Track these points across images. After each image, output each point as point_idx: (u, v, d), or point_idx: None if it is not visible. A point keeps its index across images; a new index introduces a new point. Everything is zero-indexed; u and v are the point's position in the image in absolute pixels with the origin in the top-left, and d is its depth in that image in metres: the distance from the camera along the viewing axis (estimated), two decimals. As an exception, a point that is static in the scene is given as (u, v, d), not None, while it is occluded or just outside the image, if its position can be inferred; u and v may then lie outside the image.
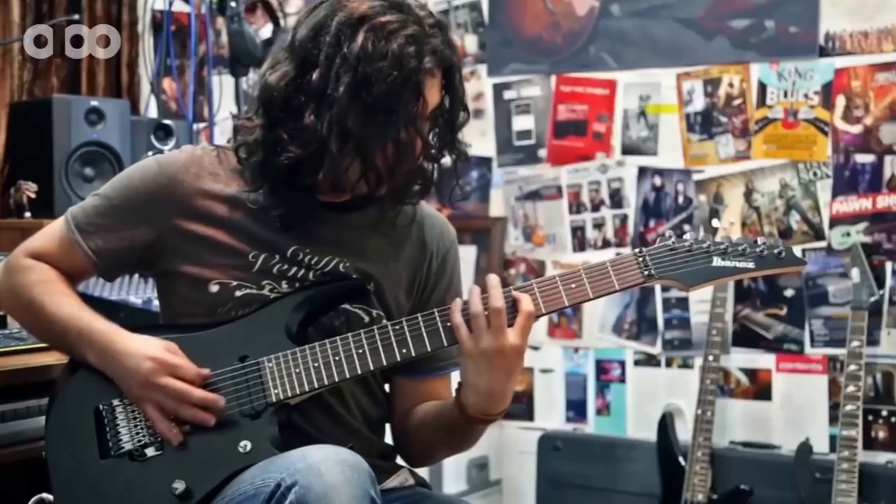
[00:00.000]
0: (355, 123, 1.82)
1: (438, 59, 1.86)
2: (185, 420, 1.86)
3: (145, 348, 1.88)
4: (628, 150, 4.19)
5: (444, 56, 1.87)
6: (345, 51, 1.81)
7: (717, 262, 1.90)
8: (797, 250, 3.69)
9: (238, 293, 1.95)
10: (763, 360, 3.95)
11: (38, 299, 1.98)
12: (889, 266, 3.72)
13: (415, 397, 2.09)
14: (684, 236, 1.92)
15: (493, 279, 1.86)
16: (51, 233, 2.05)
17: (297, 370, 1.88)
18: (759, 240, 1.93)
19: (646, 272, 1.89)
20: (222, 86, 3.99)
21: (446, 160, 1.99)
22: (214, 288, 1.95)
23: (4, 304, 2.14)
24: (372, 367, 1.89)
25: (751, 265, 1.91)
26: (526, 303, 1.85)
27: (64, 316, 1.96)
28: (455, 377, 2.12)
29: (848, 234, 3.80)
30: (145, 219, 1.98)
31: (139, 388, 1.87)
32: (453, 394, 1.98)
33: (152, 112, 3.91)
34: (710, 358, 3.81)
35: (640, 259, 1.89)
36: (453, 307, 1.87)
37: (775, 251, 1.91)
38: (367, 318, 1.98)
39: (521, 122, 4.38)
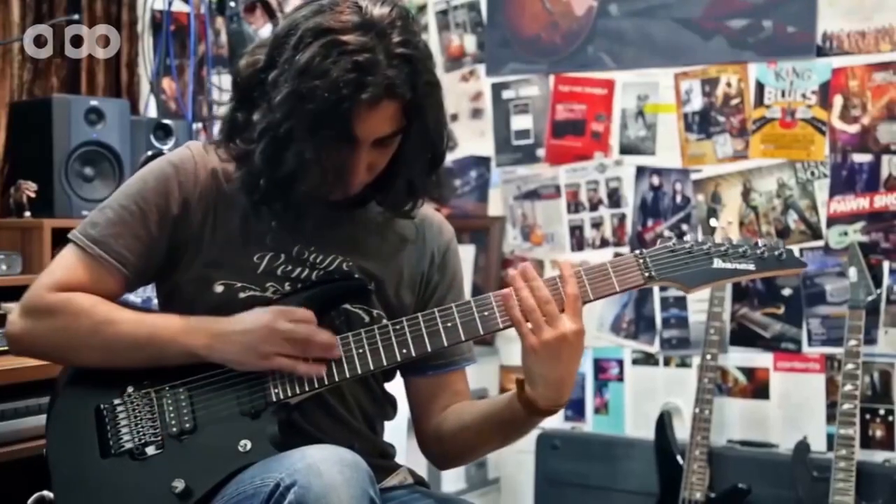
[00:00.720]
0: (287, 132, 1.80)
1: (384, 92, 1.80)
2: (314, 357, 1.86)
3: (254, 312, 1.88)
4: (626, 149, 4.20)
5: (395, 90, 1.81)
6: (295, 59, 1.80)
7: (717, 263, 1.91)
8: (795, 250, 3.71)
9: (242, 295, 1.94)
10: (761, 359, 3.96)
11: (109, 317, 1.91)
12: (886, 265, 3.73)
13: (435, 395, 2.09)
14: (684, 238, 1.93)
15: (530, 271, 1.85)
16: (65, 262, 1.96)
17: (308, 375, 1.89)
18: (760, 241, 1.93)
19: (646, 274, 1.89)
20: (222, 85, 4.00)
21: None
22: (219, 289, 1.95)
23: (47, 345, 1.96)
24: (372, 367, 1.89)
25: (751, 267, 1.92)
26: (571, 286, 1.84)
27: (148, 323, 1.91)
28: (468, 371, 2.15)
29: (845, 234, 3.81)
30: (165, 218, 1.95)
31: (262, 343, 1.84)
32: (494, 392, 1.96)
33: (152, 112, 3.93)
34: (708, 357, 3.82)
35: (641, 260, 1.89)
36: (510, 302, 1.84)
37: (776, 253, 1.92)
38: (367, 319, 1.99)
39: (520, 122, 4.39)
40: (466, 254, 4.38)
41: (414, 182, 1.96)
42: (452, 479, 4.02)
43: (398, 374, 2.13)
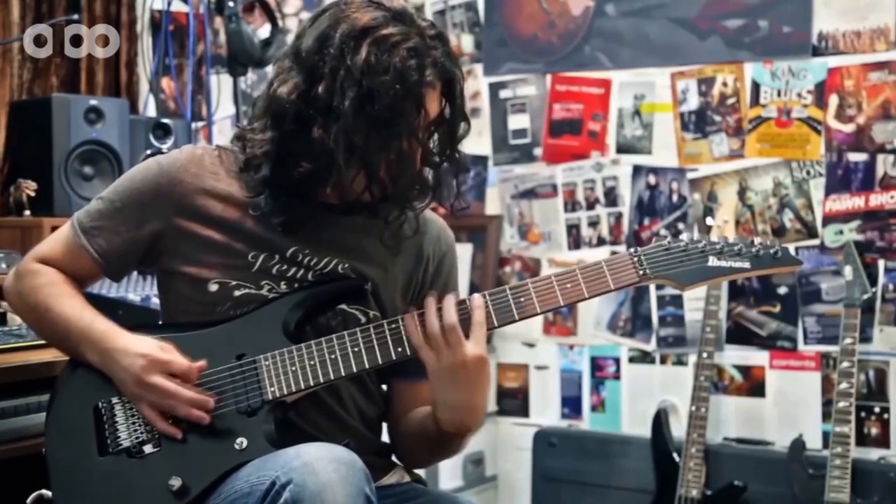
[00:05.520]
0: (360, 136, 1.83)
1: (439, 72, 1.87)
2: (181, 418, 1.88)
3: (139, 346, 1.90)
4: (623, 148, 4.21)
5: (445, 68, 1.89)
6: (349, 63, 1.82)
7: (712, 261, 1.92)
8: (790, 248, 3.71)
9: (237, 293, 1.97)
10: (757, 356, 3.98)
11: (44, 301, 2.01)
12: (881, 264, 3.75)
13: (410, 401, 2.10)
14: (680, 236, 1.94)
15: (443, 299, 1.90)
16: (57, 237, 2.07)
17: (294, 368, 1.90)
18: (756, 240, 1.94)
19: (641, 272, 1.90)
20: (220, 85, 4.02)
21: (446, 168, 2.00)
22: (213, 287, 1.97)
23: (15, 308, 2.16)
24: (368, 366, 1.91)
25: (746, 265, 1.92)
26: (477, 314, 1.88)
27: (66, 317, 1.98)
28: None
29: (841, 232, 3.82)
30: (147, 219, 1.99)
31: (134, 386, 1.89)
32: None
33: (151, 111, 3.93)
34: (704, 355, 3.83)
35: (636, 259, 1.91)
36: (410, 327, 1.90)
37: (771, 251, 1.93)
38: (363, 319, 2.00)
39: (517, 121, 4.40)
40: (464, 253, 4.39)
41: (444, 159, 1.99)
42: (449, 477, 4.04)
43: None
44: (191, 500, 1.84)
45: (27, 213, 3.26)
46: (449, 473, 4.04)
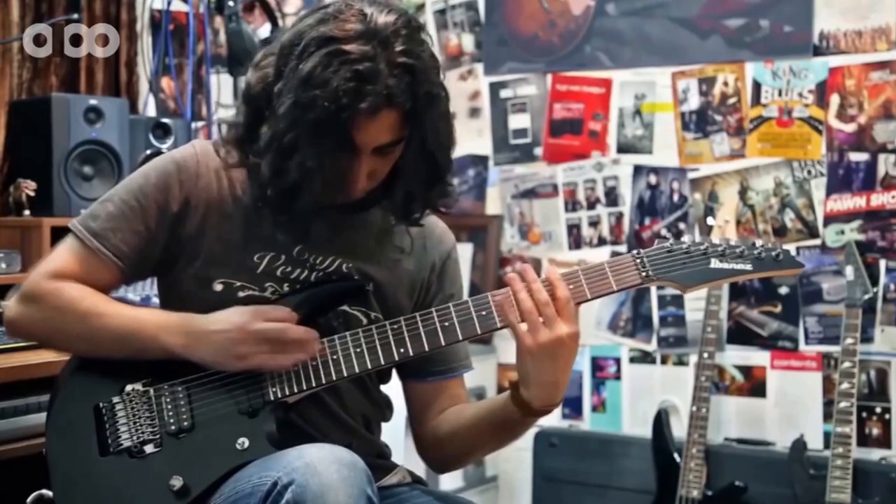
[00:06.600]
0: (290, 141, 1.80)
1: (383, 101, 1.78)
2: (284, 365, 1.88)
3: (229, 312, 1.88)
4: (624, 148, 4.21)
5: (394, 99, 1.79)
6: (299, 69, 1.79)
7: (714, 264, 1.91)
8: (791, 248, 3.71)
9: (241, 294, 1.95)
10: (758, 357, 3.97)
11: (95, 310, 1.93)
12: (883, 263, 3.75)
13: (434, 400, 2.10)
14: (682, 238, 1.93)
15: (529, 272, 1.86)
16: (63, 252, 1.99)
17: (295, 369, 1.89)
18: (757, 242, 1.93)
19: (643, 273, 1.89)
20: (220, 85, 4.01)
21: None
22: (218, 287, 1.96)
23: (38, 330, 2.02)
24: (370, 366, 1.90)
25: (748, 267, 1.92)
26: (561, 289, 1.84)
27: (131, 317, 1.93)
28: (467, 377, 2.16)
29: (842, 232, 3.82)
30: (166, 215, 1.96)
31: (237, 345, 1.85)
32: (496, 395, 1.98)
33: (151, 111, 3.93)
34: (705, 355, 3.83)
35: (638, 260, 1.90)
36: (506, 306, 1.86)
37: (773, 253, 1.92)
38: (365, 321, 1.99)
39: (518, 121, 4.40)
40: (464, 252, 4.39)
41: (413, 192, 1.95)
42: (450, 478, 4.03)
43: (396, 378, 2.14)
44: (192, 500, 1.83)
45: (27, 212, 3.26)
46: (449, 474, 4.02)
